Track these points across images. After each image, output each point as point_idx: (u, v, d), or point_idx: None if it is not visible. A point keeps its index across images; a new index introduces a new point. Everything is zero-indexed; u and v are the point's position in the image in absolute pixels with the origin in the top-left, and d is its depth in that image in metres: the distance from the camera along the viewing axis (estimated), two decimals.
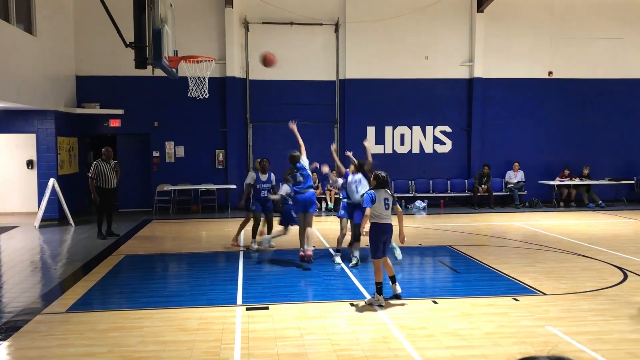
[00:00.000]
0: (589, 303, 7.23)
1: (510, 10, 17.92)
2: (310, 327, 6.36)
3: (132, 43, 8.48)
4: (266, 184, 10.96)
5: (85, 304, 7.42)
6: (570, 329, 6.21)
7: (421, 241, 11.88)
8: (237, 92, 17.30)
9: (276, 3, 17.13)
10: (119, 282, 8.62)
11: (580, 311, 6.89)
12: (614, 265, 9.38)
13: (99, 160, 12.34)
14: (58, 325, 6.56)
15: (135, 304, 7.38)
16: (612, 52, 18.36)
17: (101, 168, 12.18)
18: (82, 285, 8.35)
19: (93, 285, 8.35)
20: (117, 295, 7.96)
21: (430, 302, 7.34)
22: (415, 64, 17.87)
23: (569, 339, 5.92)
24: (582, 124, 18.46)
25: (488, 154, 18.02)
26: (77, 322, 6.65)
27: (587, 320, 6.54)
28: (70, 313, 7.01)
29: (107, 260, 10.13)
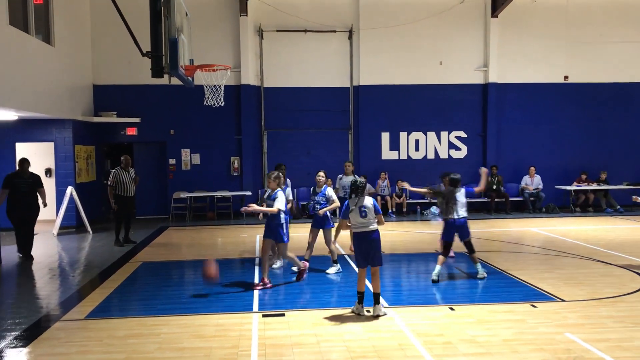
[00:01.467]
0: (608, 310, 7.14)
1: (524, 15, 17.84)
2: (327, 334, 6.35)
3: (148, 52, 8.57)
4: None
5: (103, 310, 7.48)
6: (590, 336, 6.14)
7: (437, 247, 11.81)
8: (252, 99, 17.40)
9: (290, 11, 17.23)
10: (136, 289, 8.68)
11: (599, 318, 6.81)
12: (634, 271, 9.27)
13: (117, 168, 12.47)
14: (77, 332, 6.63)
15: (153, 310, 7.43)
16: (628, 56, 18.19)
17: (120, 176, 12.31)
18: (100, 293, 8.42)
19: (111, 293, 8.43)
20: (135, 302, 8.01)
21: (447, 308, 7.31)
22: (429, 70, 17.85)
23: (589, 346, 5.85)
24: (599, 128, 18.29)
25: (503, 159, 17.92)
26: (96, 328, 6.71)
27: (607, 327, 6.46)
28: (88, 320, 7.07)
29: (124, 268, 10.21)
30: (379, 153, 17.93)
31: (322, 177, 9.53)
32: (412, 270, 10.31)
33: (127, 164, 12.47)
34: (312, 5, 17.42)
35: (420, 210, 17.70)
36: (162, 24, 8.48)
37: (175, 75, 8.63)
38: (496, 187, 17.40)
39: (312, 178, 17.11)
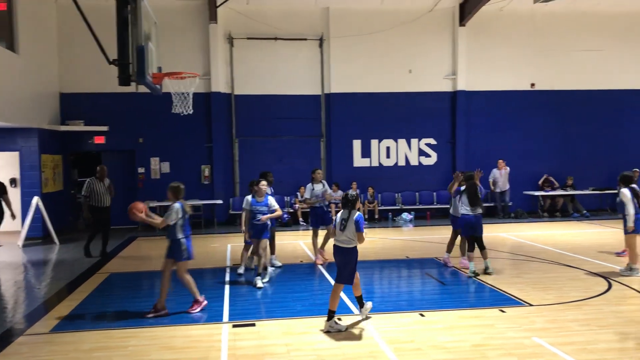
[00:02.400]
0: (574, 313, 7.27)
1: (491, 23, 18.16)
2: (297, 343, 6.32)
3: (115, 60, 8.46)
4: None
5: (69, 323, 7.32)
6: (556, 340, 6.24)
7: (408, 253, 11.91)
8: (223, 107, 17.32)
9: (260, 18, 17.23)
10: (104, 301, 8.52)
11: (566, 321, 6.92)
12: (599, 275, 9.46)
13: (92, 178, 12.18)
14: (41, 346, 6.47)
15: (121, 323, 7.30)
16: (593, 64, 18.65)
17: (94, 187, 12.02)
18: (66, 305, 8.24)
19: (78, 305, 8.25)
20: (102, 314, 7.85)
21: (418, 314, 7.34)
22: (399, 78, 18.02)
23: (555, 349, 5.94)
24: (566, 135, 18.68)
25: (472, 165, 18.09)
26: (61, 342, 6.56)
27: (573, 331, 6.57)
28: (54, 333, 6.91)
29: (92, 279, 10.02)
30: (350, 160, 18.00)
31: (265, 186, 9.26)
32: (384, 276, 10.34)
33: (102, 175, 12.18)
34: (283, 13, 17.45)
35: (392, 217, 17.80)
36: (130, 31, 8.37)
37: (143, 83, 8.53)
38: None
39: (285, 186, 17.33)
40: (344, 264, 6.92)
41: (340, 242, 6.91)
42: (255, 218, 9.15)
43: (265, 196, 9.28)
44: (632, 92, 18.84)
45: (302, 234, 15.47)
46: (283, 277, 9.94)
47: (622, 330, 6.60)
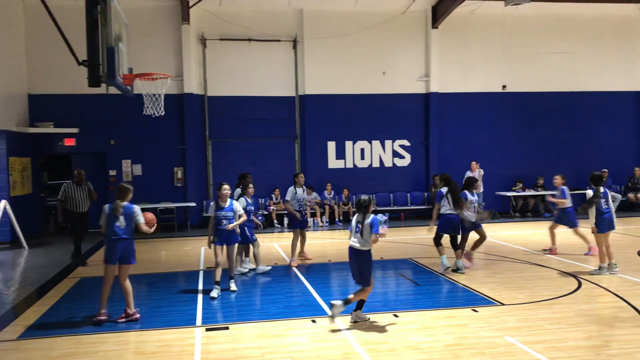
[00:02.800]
0: (545, 312, 7.37)
1: (463, 26, 18.35)
2: (272, 346, 6.29)
3: (85, 61, 8.32)
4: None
5: (38, 330, 7.16)
6: (527, 339, 6.32)
7: (382, 255, 11.94)
8: (195, 108, 17.17)
9: (233, 19, 17.13)
10: (74, 306, 8.35)
11: (537, 320, 7.02)
12: (569, 274, 9.62)
13: (69, 182, 11.78)
14: (8, 353, 6.32)
15: (91, 328, 7.16)
16: (563, 66, 18.98)
17: (70, 191, 11.58)
18: (35, 311, 8.07)
19: (47, 310, 8.09)
20: (72, 319, 7.69)
21: (392, 315, 7.37)
22: (373, 80, 18.09)
23: (527, 348, 6.02)
24: (536, 136, 18.96)
25: (446, 166, 18.25)
26: (29, 349, 6.42)
27: (544, 329, 6.66)
28: (21, 340, 6.76)
29: (62, 284, 9.83)
30: (325, 162, 18.00)
31: (227, 190, 8.80)
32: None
33: (79, 179, 11.71)
34: (256, 14, 17.38)
35: None
36: (99, 32, 8.24)
37: (113, 85, 8.41)
38: None
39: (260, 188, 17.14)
40: (359, 267, 7.06)
41: (356, 245, 7.07)
42: (221, 224, 8.71)
43: (230, 201, 8.86)
44: (600, 94, 19.22)
45: (277, 236, 15.43)
46: (257, 280, 9.89)
47: (590, 328, 6.72)
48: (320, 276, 10.18)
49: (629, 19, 19.15)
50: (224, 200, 8.77)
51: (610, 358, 5.72)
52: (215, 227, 8.72)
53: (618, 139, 19.38)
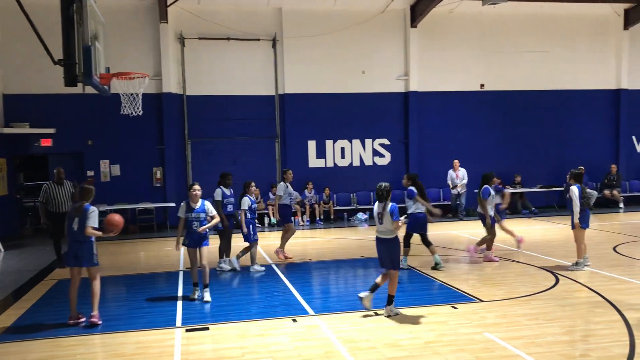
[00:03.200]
0: (523, 308, 7.46)
1: (442, 25, 18.47)
2: (253, 346, 6.27)
3: (61, 60, 8.19)
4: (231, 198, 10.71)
5: (14, 333, 7.05)
6: (506, 335, 6.38)
7: (363, 253, 11.98)
8: (174, 108, 17.04)
9: (212, 18, 17.03)
10: (51, 309, 8.24)
11: (515, 316, 7.10)
12: (547, 270, 9.74)
13: (49, 183, 11.47)
14: None
15: (69, 331, 7.07)
16: (539, 65, 19.21)
17: (51, 191, 11.23)
18: (11, 314, 7.95)
19: (23, 313, 7.97)
20: (49, 322, 7.58)
21: (373, 313, 7.39)
22: (353, 79, 18.13)
23: (506, 344, 6.08)
24: (514, 134, 19.17)
25: (425, 165, 18.41)
26: (6, 353, 6.32)
27: (522, 325, 6.74)
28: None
29: (38, 286, 9.69)
30: (305, 161, 17.99)
31: (198, 191, 8.47)
32: (340, 276, 10.37)
33: (59, 178, 11.36)
34: (235, 13, 17.30)
35: (347, 217, 17.90)
36: (75, 31, 8.12)
37: (90, 84, 8.29)
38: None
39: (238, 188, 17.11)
40: (387, 254, 7.33)
41: (381, 234, 7.39)
42: (192, 226, 8.40)
43: (202, 202, 8.52)
44: (576, 92, 19.49)
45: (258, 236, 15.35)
46: (238, 280, 9.85)
47: (568, 323, 6.81)
48: (301, 275, 10.18)
49: (604, 18, 19.45)
50: (194, 201, 8.45)
51: (588, 352, 5.81)
52: (187, 229, 8.47)
53: (594, 136, 19.68)
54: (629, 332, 6.34)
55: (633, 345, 5.94)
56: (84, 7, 8.05)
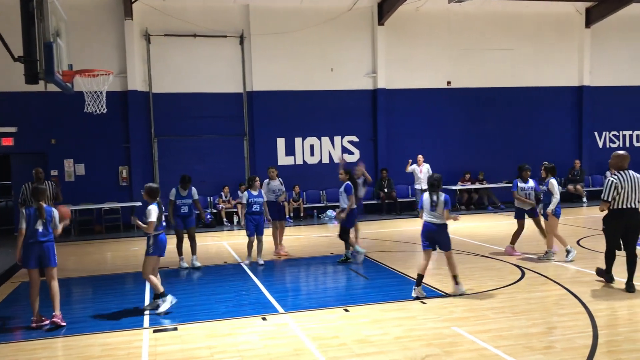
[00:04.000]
0: (490, 302, 7.57)
1: (409, 22, 18.60)
2: (221, 346, 6.22)
3: (21, 57, 7.98)
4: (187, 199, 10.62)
5: None
6: (474, 328, 6.47)
7: (333, 250, 11.99)
8: (140, 106, 16.78)
9: (178, 15, 16.82)
10: (13, 312, 8.03)
11: (482, 310, 7.20)
12: (513, 264, 9.91)
13: (28, 184, 10.56)
14: None
15: (32, 334, 6.90)
16: (505, 62, 19.51)
17: (29, 193, 9.98)
18: None
19: None
20: (11, 326, 7.40)
21: (342, 310, 7.41)
22: (321, 76, 18.12)
23: (473, 337, 6.16)
24: (480, 130, 19.43)
25: (394, 162, 18.52)
26: None
27: (489, 319, 6.84)
28: None
29: (0, 289, 9.43)
30: (275, 158, 17.91)
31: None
32: (310, 273, 10.35)
33: (37, 179, 10.44)
34: (201, 10, 17.11)
35: (317, 214, 17.91)
36: (36, 27, 7.93)
37: (52, 81, 8.10)
38: (387, 189, 17.96)
39: (207, 186, 17.04)
40: (440, 237, 8.01)
41: (433, 220, 7.95)
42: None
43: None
44: (541, 89, 19.86)
45: (227, 234, 15.28)
46: (206, 279, 9.76)
47: (533, 315, 6.93)
48: (271, 273, 10.14)
49: (567, 17, 19.86)
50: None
51: (552, 344, 5.93)
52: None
53: (558, 132, 20.09)
54: (592, 324, 6.48)
55: (596, 336, 6.08)
56: (45, 2, 7.88)
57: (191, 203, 10.71)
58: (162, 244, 7.80)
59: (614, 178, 7.83)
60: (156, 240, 7.73)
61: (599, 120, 20.48)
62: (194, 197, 10.74)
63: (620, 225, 7.89)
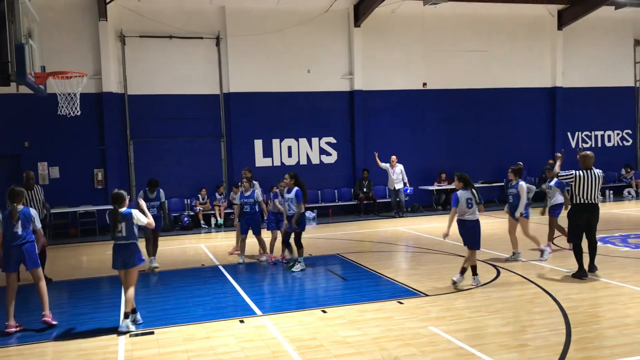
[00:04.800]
0: (466, 301, 7.66)
1: (385, 24, 18.72)
2: (198, 349, 6.19)
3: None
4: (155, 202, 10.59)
5: None
6: (450, 328, 6.54)
7: (311, 251, 12.00)
8: (115, 108, 16.60)
9: (153, 16, 16.68)
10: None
11: (459, 309, 7.28)
12: (489, 263, 10.04)
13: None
14: None
15: (5, 340, 6.78)
16: (478, 64, 19.75)
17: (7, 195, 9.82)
18: None
19: None
20: None
21: (320, 311, 7.43)
22: (298, 78, 18.14)
23: (449, 337, 6.23)
24: (455, 131, 19.64)
25: (371, 163, 18.60)
26: None
27: (465, 318, 6.92)
28: None
29: None
30: (252, 160, 17.86)
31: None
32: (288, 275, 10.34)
33: (28, 182, 9.68)
34: (177, 11, 17.01)
35: None
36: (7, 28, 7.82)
37: (24, 84, 8.00)
38: (366, 190, 18.02)
39: (184, 188, 16.94)
40: (477, 233, 8.43)
41: (468, 217, 8.38)
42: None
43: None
44: (514, 90, 20.15)
45: (204, 237, 15.20)
46: (184, 282, 9.69)
47: (508, 314, 7.04)
48: (249, 276, 10.12)
49: (539, 19, 20.18)
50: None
51: (527, 342, 6.02)
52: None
53: (532, 132, 20.40)
54: (566, 321, 6.60)
55: (569, 333, 6.19)
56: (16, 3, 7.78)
57: (159, 205, 10.68)
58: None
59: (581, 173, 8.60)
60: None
61: (572, 120, 20.84)
62: (161, 200, 10.73)
63: (583, 219, 8.63)
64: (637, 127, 21.83)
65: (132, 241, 7.12)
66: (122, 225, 7.09)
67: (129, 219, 7.11)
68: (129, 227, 7.11)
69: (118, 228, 7.10)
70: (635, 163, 21.91)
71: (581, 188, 8.52)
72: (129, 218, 7.11)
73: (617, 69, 21.30)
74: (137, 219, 7.15)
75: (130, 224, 7.10)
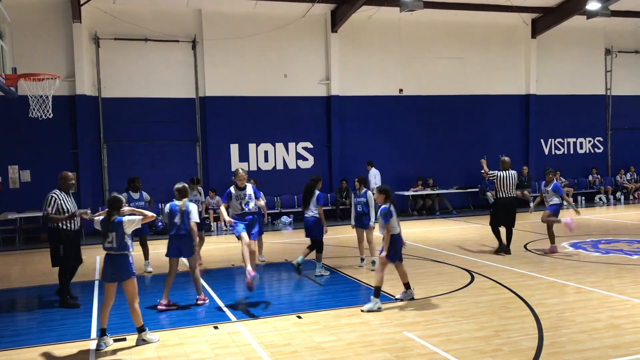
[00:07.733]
0: (441, 306, 7.70)
1: (362, 30, 18.82)
2: (171, 356, 6.10)
3: None
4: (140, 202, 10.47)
5: None
6: (424, 333, 6.56)
7: (287, 256, 11.96)
8: (89, 111, 16.39)
9: (128, 19, 16.52)
10: None
11: (433, 314, 7.31)
12: (463, 268, 10.11)
13: (56, 190, 8.48)
14: None
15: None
16: (454, 71, 19.97)
17: (62, 202, 8.33)
18: None
19: None
20: None
21: (295, 317, 7.39)
22: (275, 82, 18.12)
23: (424, 342, 6.24)
24: (431, 137, 19.81)
25: (347, 168, 18.66)
26: None
27: (439, 323, 6.95)
28: None
29: None
30: (228, 164, 17.77)
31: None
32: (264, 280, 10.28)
33: (68, 184, 8.54)
34: (152, 14, 16.87)
35: (271, 220, 17.83)
36: None
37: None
38: (345, 194, 18.04)
39: (159, 192, 16.74)
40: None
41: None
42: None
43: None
44: (489, 97, 20.41)
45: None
46: (158, 287, 9.55)
47: (482, 319, 7.08)
48: (223, 281, 10.05)
49: (514, 27, 20.49)
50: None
51: (500, 347, 6.06)
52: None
53: (506, 139, 20.64)
54: (538, 326, 6.67)
55: (541, 338, 6.25)
56: None
57: (145, 206, 10.52)
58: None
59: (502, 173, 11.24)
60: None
61: (545, 127, 21.18)
62: (147, 199, 10.62)
63: (503, 208, 11.11)
64: (608, 135, 22.27)
65: (123, 252, 6.52)
66: (112, 235, 6.49)
67: (119, 228, 6.50)
68: (120, 237, 6.49)
69: (108, 238, 6.51)
70: (606, 170, 22.33)
71: (501, 185, 11.15)
72: (119, 227, 6.50)
73: (589, 77, 21.72)
74: (130, 224, 6.53)
75: (121, 234, 6.49)
